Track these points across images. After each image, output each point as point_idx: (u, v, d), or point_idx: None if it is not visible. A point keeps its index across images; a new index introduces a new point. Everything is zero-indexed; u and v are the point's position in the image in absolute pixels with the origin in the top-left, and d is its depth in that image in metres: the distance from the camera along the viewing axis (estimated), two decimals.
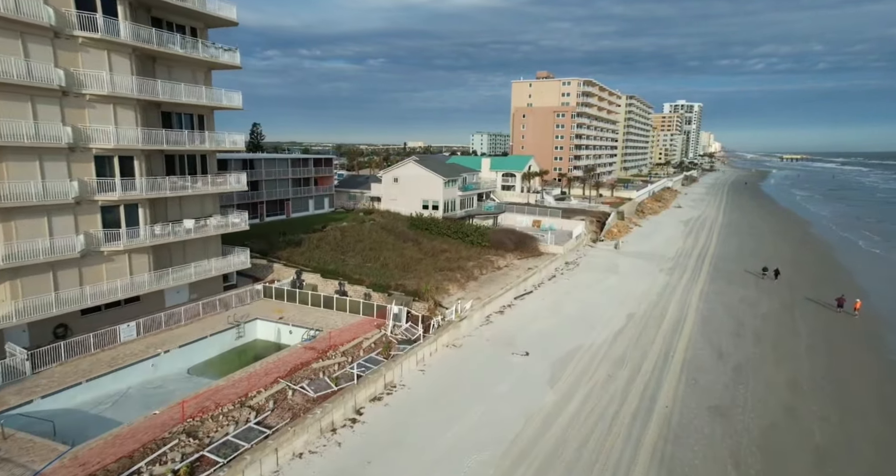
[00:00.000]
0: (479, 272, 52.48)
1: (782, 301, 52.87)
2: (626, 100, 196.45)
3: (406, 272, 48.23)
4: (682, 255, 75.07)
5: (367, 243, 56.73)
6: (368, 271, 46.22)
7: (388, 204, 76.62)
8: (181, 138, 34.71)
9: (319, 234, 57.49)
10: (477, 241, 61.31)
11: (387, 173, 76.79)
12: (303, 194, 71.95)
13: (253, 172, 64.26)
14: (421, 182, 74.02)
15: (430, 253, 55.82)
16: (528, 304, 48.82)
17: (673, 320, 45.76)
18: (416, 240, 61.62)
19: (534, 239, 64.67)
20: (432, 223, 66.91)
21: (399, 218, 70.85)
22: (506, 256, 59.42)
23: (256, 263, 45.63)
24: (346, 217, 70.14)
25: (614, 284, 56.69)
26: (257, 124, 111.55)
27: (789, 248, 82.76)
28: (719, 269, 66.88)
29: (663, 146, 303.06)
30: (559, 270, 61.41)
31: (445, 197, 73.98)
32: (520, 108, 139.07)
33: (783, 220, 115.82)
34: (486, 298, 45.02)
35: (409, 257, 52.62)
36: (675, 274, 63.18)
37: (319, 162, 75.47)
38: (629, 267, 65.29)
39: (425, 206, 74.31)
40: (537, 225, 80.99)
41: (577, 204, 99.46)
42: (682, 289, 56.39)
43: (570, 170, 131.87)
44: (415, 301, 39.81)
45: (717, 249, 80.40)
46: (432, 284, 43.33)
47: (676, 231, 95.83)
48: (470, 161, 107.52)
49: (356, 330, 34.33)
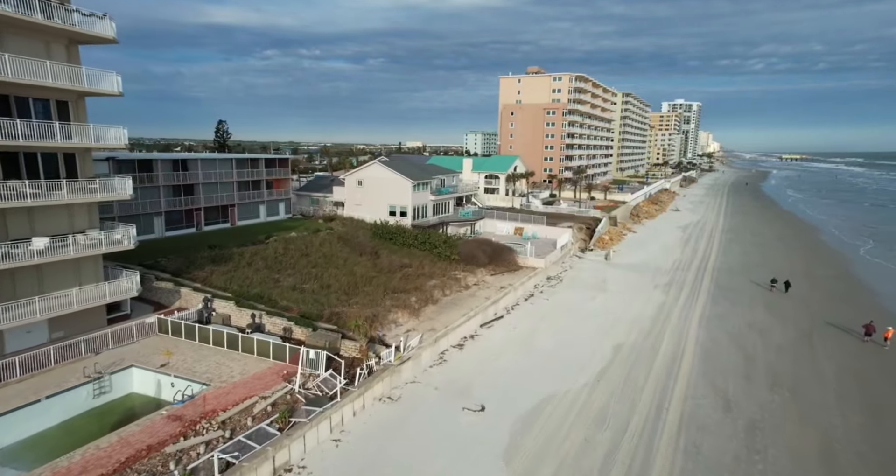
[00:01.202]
0: (441, 293, 44.49)
1: (798, 326, 44.98)
2: (623, 97, 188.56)
3: (350, 295, 40.21)
4: (680, 266, 67.20)
5: (314, 258, 48.73)
6: (301, 296, 38.18)
7: (352, 210, 68.61)
8: (28, 131, 26.57)
9: (257, 247, 49.42)
10: (445, 255, 53.35)
11: (350, 176, 68.78)
12: (252, 199, 63.67)
13: (187, 174, 56.07)
14: (387, 185, 66.03)
15: (386, 269, 47.84)
16: (496, 333, 40.84)
17: (668, 355, 37.84)
18: (375, 253, 53.66)
19: (511, 251, 56.69)
20: (397, 233, 58.94)
21: (362, 226, 62.90)
22: (476, 272, 51.43)
23: (161, 287, 37.50)
24: (300, 225, 62.13)
25: (600, 306, 48.76)
26: (223, 122, 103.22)
27: (799, 258, 74.94)
28: (722, 284, 59.03)
29: (661, 146, 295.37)
30: (539, 288, 53.45)
31: (415, 202, 65.99)
32: (508, 105, 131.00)
33: (788, 225, 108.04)
34: (442, 329, 37.05)
35: (359, 275, 44.61)
36: (672, 291, 55.30)
37: (273, 162, 67.07)
38: (619, 282, 57.37)
39: (392, 213, 66.32)
40: (519, 233, 73.06)
41: (566, 208, 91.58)
42: (680, 311, 48.49)
43: (561, 171, 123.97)
44: (346, 339, 31.78)
45: (719, 259, 72.57)
46: (369, 314, 35.28)
47: (674, 238, 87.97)
48: (451, 161, 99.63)
49: (254, 384, 26.28)
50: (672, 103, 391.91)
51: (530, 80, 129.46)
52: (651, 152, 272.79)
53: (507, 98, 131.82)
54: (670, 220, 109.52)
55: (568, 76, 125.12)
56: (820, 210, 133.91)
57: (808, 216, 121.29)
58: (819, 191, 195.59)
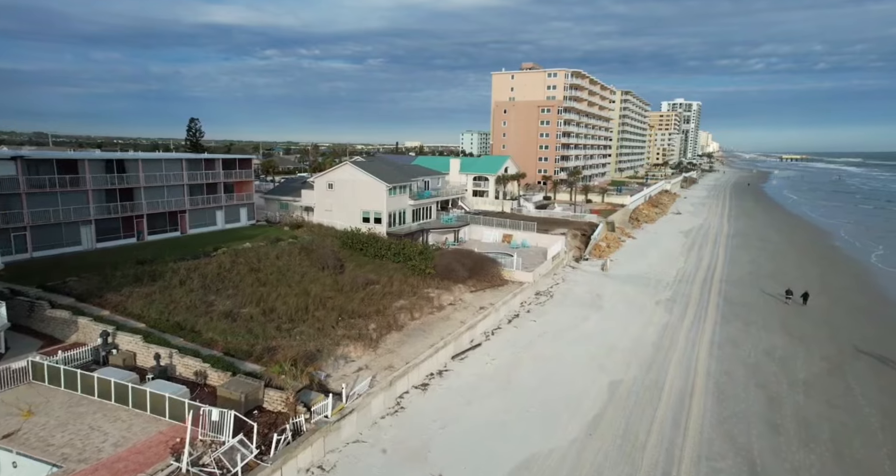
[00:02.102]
0: (409, 317, 38.06)
1: (825, 354, 38.65)
2: (621, 95, 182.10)
3: (296, 323, 33.78)
4: (684, 277, 60.88)
5: (265, 274, 42.33)
6: (233, 326, 31.71)
7: (322, 216, 62.18)
8: None
9: (200, 261, 42.94)
10: (419, 268, 46.95)
11: (319, 178, 62.28)
12: (207, 204, 57.05)
13: (126, 177, 49.47)
14: (360, 189, 59.61)
15: (348, 287, 41.41)
16: (470, 366, 34.43)
17: (675, 396, 31.49)
18: (340, 266, 47.29)
19: (495, 263, 50.29)
20: (368, 242, 52.57)
21: (331, 234, 56.53)
22: (454, 289, 45.00)
23: (56, 317, 30.89)
24: (261, 234, 55.73)
25: (595, 328, 42.39)
26: (195, 119, 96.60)
27: (812, 266, 68.70)
28: (731, 298, 52.76)
29: (661, 146, 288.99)
30: (526, 306, 47.07)
31: (391, 207, 59.58)
32: (501, 102, 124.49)
33: (796, 229, 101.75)
34: (402, 366, 30.64)
35: (313, 296, 38.14)
36: (676, 308, 49.01)
37: (231, 163, 60.37)
38: (617, 298, 51.05)
39: (366, 219, 59.92)
40: (508, 240, 66.66)
41: (560, 212, 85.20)
42: (686, 334, 42.15)
43: (557, 172, 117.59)
44: (271, 387, 25.28)
45: (726, 269, 66.28)
46: (311, 350, 28.84)
47: (676, 244, 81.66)
48: (438, 162, 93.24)
49: (126, 464, 19.69)
50: (672, 103, 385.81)
51: (524, 77, 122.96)
52: (650, 152, 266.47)
53: (500, 95, 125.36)
54: (672, 223, 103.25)
55: (564, 72, 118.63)
56: (826, 212, 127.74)
57: (815, 219, 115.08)
58: (823, 192, 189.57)
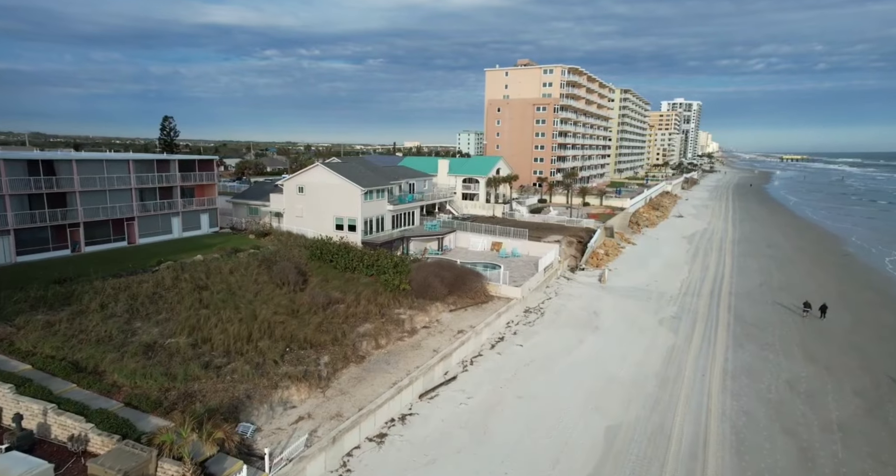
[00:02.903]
0: (373, 345, 32.67)
1: (859, 388, 33.27)
2: (621, 94, 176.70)
3: (233, 356, 28.38)
4: (689, 290, 55.51)
5: (212, 293, 36.94)
6: (148, 363, 26.23)
7: (292, 222, 56.77)
8: None
9: (135, 278, 37.47)
10: (392, 284, 41.56)
11: (289, 181, 56.81)
12: (160, 210, 51.47)
13: (56, 180, 43.82)
14: (333, 193, 54.19)
15: (307, 308, 36.04)
16: (440, 408, 29.01)
17: (685, 447, 26.10)
18: (303, 281, 41.94)
19: (478, 277, 44.86)
20: (339, 253, 47.19)
21: (300, 243, 51.14)
22: (430, 309, 39.61)
23: None
24: (222, 243, 50.31)
25: (590, 354, 37.00)
26: (169, 118, 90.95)
27: (828, 276, 63.38)
28: (742, 314, 47.44)
29: (661, 146, 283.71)
30: (512, 327, 41.67)
31: (367, 213, 54.16)
32: (494, 100, 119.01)
33: (805, 233, 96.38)
34: (355, 412, 25.22)
35: (262, 320, 32.75)
36: (682, 328, 43.66)
37: (190, 165, 54.70)
38: (616, 316, 45.69)
39: (339, 226, 54.53)
40: (497, 248, 61.29)
41: (555, 217, 79.82)
42: (695, 362, 36.78)
43: (553, 173, 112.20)
44: (166, 458, 19.77)
45: (734, 280, 60.92)
46: (239, 396, 23.40)
47: (679, 251, 76.31)
48: (427, 163, 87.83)
49: None
50: (672, 102, 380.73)
51: (519, 74, 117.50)
52: (651, 153, 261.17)
53: (494, 93, 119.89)
54: (673, 227, 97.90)
55: (560, 69, 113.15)
56: (833, 215, 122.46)
57: (823, 223, 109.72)
58: (827, 193, 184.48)
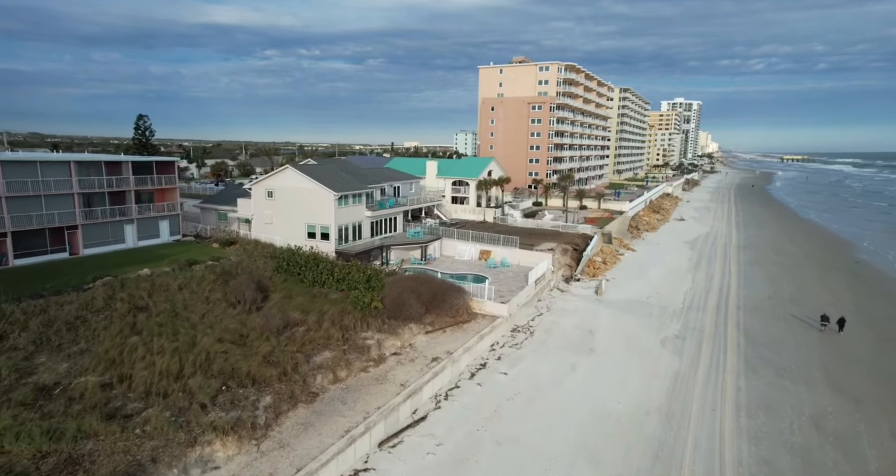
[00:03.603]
0: (330, 378, 28.06)
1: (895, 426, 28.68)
2: (620, 93, 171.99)
3: (152, 400, 23.71)
4: (694, 303, 50.98)
5: (148, 316, 32.27)
6: (33, 415, 21.59)
7: (261, 230, 52.11)
8: None
9: (56, 299, 32.77)
10: (361, 302, 36.90)
11: (257, 185, 52.10)
12: (110, 218, 46.73)
13: None
14: (304, 198, 49.56)
15: (258, 333, 31.39)
16: (404, 460, 24.35)
17: None
18: (263, 298, 37.34)
19: (461, 292, 40.17)
20: (308, 265, 42.53)
21: (268, 253, 46.46)
22: (402, 331, 34.99)
23: None
24: (178, 254, 45.63)
25: (584, 384, 32.40)
26: (143, 116, 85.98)
27: (844, 287, 58.84)
28: (753, 333, 42.93)
29: (661, 146, 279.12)
30: (497, 349, 37.05)
31: (341, 220, 49.51)
32: (488, 99, 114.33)
33: (814, 238, 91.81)
34: (293, 473, 20.57)
35: (199, 351, 28.06)
36: (687, 349, 39.12)
37: (146, 167, 49.82)
38: (613, 335, 41.11)
39: (311, 234, 49.88)
40: (485, 257, 56.67)
41: (549, 222, 75.22)
42: (703, 393, 32.21)
43: (549, 175, 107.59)
44: None
45: (741, 290, 56.44)
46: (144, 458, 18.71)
47: (681, 258, 71.74)
48: (414, 164, 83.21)
49: None
50: (671, 102, 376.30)
51: (514, 71, 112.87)
52: (651, 153, 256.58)
53: (488, 91, 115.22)
54: (675, 232, 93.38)
55: (556, 66, 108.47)
56: (840, 218, 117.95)
57: (831, 226, 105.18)
58: (831, 195, 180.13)
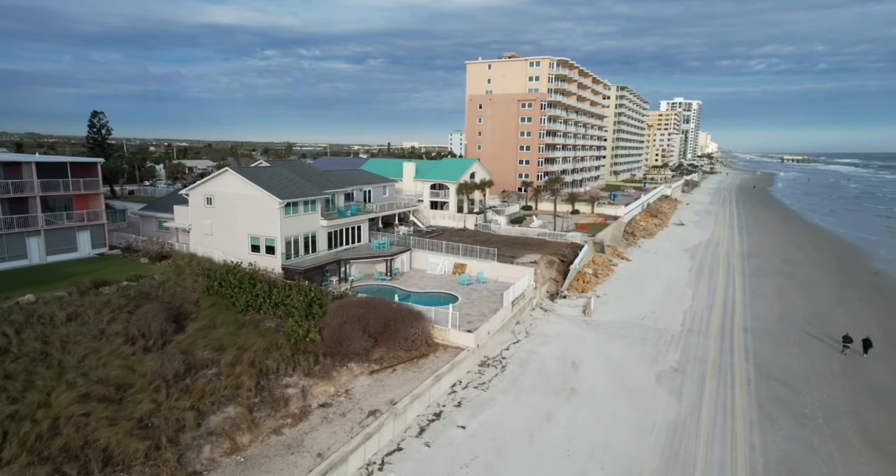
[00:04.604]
0: (225, 447, 21.67)
1: None
2: (617, 91, 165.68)
3: None
4: (694, 325, 44.64)
5: (11, 360, 25.90)
6: None
7: (201, 242, 45.69)
8: None
9: None
10: (295, 334, 30.50)
11: (195, 190, 45.61)
12: (5, 229, 39.92)
13: None
14: (246, 206, 43.13)
15: (148, 381, 24.99)
16: None
17: None
18: (176, 329, 30.97)
19: (419, 319, 33.64)
20: (241, 286, 36.14)
21: (202, 270, 39.99)
22: (338, 373, 28.60)
23: None
24: (88, 273, 39.16)
25: (561, 439, 26.00)
26: (98, 113, 79.38)
27: (862, 304, 52.61)
28: (765, 364, 36.59)
29: (660, 147, 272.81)
30: (458, 391, 30.63)
31: (289, 231, 43.05)
32: (476, 96, 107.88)
33: (823, 245, 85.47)
34: None
35: (49, 413, 21.66)
36: (687, 388, 32.82)
37: (57, 169, 42.91)
38: (601, 368, 34.77)
39: (255, 247, 43.43)
40: (460, 271, 50.31)
41: (537, 229, 68.85)
42: (706, 453, 25.91)
43: (540, 176, 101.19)
44: None
45: (749, 309, 50.21)
46: None
47: (680, 269, 65.40)
48: (391, 166, 76.85)
49: None
50: (671, 102, 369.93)
51: (503, 66, 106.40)
52: (649, 154, 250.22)
53: (476, 88, 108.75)
54: (674, 238, 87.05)
55: (547, 61, 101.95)
56: (849, 221, 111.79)
57: (841, 231, 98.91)
58: (837, 197, 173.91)
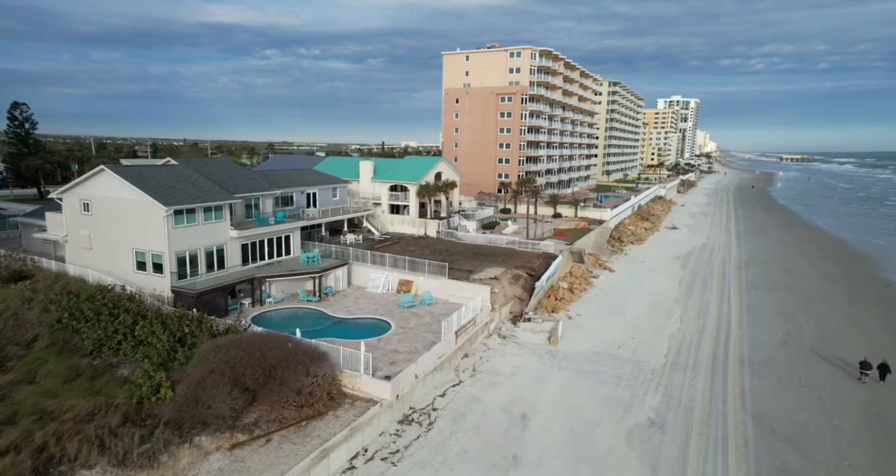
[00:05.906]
0: None
1: None
2: (609, 87, 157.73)
3: None
4: (680, 357, 36.69)
5: None
6: None
7: (78, 256, 37.58)
8: None
9: None
10: (140, 393, 22.48)
11: (69, 194, 37.44)
12: None
13: None
14: (128, 213, 35.00)
15: None
16: None
17: None
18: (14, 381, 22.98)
19: (321, 363, 25.53)
20: (97, 319, 28.09)
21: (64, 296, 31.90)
22: (180, 451, 20.56)
23: None
24: None
25: None
26: (20, 105, 70.78)
27: (876, 323, 45.12)
28: (768, 414, 28.62)
29: (656, 145, 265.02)
30: (360, 464, 22.57)
31: (180, 244, 34.88)
32: (453, 89, 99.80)
33: (829, 252, 77.68)
34: None
35: None
36: (666, 454, 24.98)
37: None
38: (558, 423, 26.78)
39: (142, 264, 35.29)
40: (406, 289, 42.30)
41: (509, 235, 60.84)
42: None
43: (522, 176, 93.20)
44: None
45: (746, 333, 42.49)
46: None
47: (669, 281, 57.53)
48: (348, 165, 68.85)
49: None
50: (668, 100, 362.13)
51: (482, 58, 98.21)
52: (645, 152, 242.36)
53: (453, 81, 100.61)
54: (665, 243, 79.26)
55: (529, 51, 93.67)
56: (854, 224, 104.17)
57: (847, 236, 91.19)
58: (839, 198, 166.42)
